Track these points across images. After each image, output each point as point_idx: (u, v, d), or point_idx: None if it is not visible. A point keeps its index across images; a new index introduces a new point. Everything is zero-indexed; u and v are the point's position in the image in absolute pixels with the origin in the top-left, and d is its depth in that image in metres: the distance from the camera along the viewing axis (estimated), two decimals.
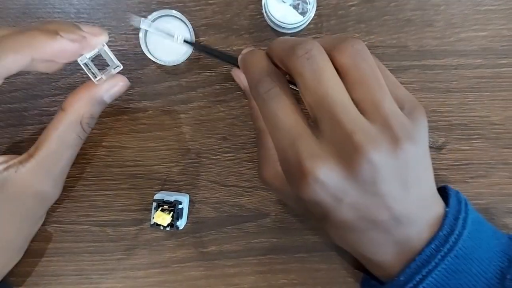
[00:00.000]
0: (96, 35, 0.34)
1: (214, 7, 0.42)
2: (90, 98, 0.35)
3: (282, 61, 0.32)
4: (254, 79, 0.32)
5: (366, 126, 0.29)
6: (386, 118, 0.29)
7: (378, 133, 0.28)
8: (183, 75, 0.43)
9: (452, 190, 0.36)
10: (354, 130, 0.28)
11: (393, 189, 0.29)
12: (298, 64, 0.30)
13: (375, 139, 0.28)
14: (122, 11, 0.42)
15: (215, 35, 0.43)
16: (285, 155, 0.30)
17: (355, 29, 0.43)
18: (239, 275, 0.45)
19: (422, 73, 0.43)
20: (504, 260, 0.32)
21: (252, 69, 0.33)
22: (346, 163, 0.28)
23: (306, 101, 0.30)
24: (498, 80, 0.43)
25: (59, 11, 0.43)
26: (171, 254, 0.44)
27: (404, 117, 0.30)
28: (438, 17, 0.43)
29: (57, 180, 0.37)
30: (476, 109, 0.44)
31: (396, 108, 0.30)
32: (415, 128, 0.30)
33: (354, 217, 0.30)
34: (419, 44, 0.43)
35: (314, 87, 0.29)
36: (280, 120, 0.31)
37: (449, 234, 0.31)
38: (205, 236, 0.44)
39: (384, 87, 0.30)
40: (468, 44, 0.43)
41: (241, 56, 0.36)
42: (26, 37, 0.31)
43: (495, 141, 0.44)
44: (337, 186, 0.29)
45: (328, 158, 0.28)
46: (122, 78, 0.36)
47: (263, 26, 0.42)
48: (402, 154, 0.29)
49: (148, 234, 0.44)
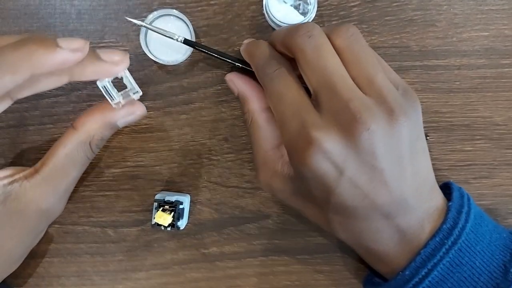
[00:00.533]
0: (118, 63, 0.33)
1: (215, 7, 0.42)
2: (104, 122, 0.35)
3: (285, 42, 0.33)
4: (260, 61, 0.35)
5: (362, 96, 0.31)
6: (381, 92, 0.31)
7: (373, 104, 0.30)
8: (184, 76, 0.43)
9: (455, 185, 0.37)
10: (351, 97, 0.30)
11: (390, 164, 0.30)
12: (300, 41, 0.32)
13: (371, 108, 0.30)
14: (123, 11, 0.42)
15: (216, 36, 0.42)
16: (289, 127, 0.31)
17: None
18: (240, 276, 0.44)
19: (425, 73, 0.43)
20: (506, 254, 0.32)
21: (259, 54, 0.35)
22: (346, 131, 0.29)
23: (306, 75, 0.32)
24: (501, 80, 0.43)
25: (60, 12, 0.43)
26: (172, 255, 0.44)
27: (398, 93, 0.32)
28: (440, 17, 0.43)
29: (61, 197, 0.37)
30: (479, 110, 0.43)
31: (389, 84, 0.32)
32: (409, 104, 0.32)
33: (355, 198, 0.31)
34: (421, 44, 0.43)
35: (314, 61, 0.31)
36: (285, 94, 0.32)
37: (453, 227, 0.32)
38: (206, 237, 0.44)
39: (377, 65, 0.32)
40: (470, 44, 0.43)
41: (244, 46, 0.38)
42: (24, 53, 0.28)
43: (498, 141, 0.43)
44: (340, 155, 0.29)
45: (330, 127, 0.30)
46: (140, 107, 0.36)
47: (264, 27, 0.42)
48: (397, 126, 0.30)
49: (149, 235, 0.44)
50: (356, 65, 0.32)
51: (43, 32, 0.43)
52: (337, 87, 0.30)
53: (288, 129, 0.32)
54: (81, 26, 0.43)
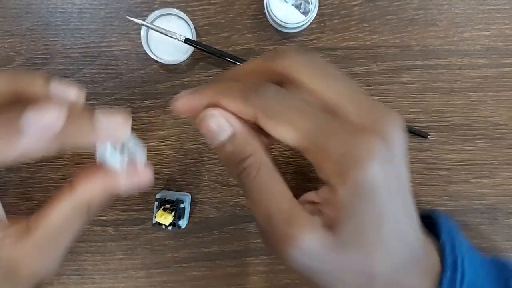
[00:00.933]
0: (119, 126, 0.27)
1: (216, 6, 0.42)
2: (105, 187, 0.30)
3: (272, 65, 0.27)
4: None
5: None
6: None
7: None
8: (185, 74, 0.43)
9: (443, 227, 0.31)
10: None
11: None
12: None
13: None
14: (124, 10, 0.42)
15: (217, 35, 0.42)
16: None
17: (358, 28, 0.43)
18: (241, 275, 0.44)
19: (426, 72, 0.43)
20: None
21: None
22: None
23: (319, 88, 0.26)
24: (502, 80, 0.43)
25: (61, 11, 0.43)
26: (173, 254, 0.44)
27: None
28: (442, 17, 0.43)
29: (54, 259, 0.32)
30: (480, 109, 0.43)
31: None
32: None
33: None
34: (422, 44, 0.43)
35: (328, 70, 0.27)
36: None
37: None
38: (207, 236, 0.44)
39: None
40: (471, 43, 0.43)
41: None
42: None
43: (499, 141, 0.43)
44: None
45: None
46: (146, 175, 0.30)
47: (266, 26, 0.42)
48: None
49: (150, 234, 0.44)
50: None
51: (44, 31, 0.43)
52: (364, 92, 0.26)
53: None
54: (82, 25, 0.43)
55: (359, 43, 0.43)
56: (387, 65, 0.43)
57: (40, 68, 0.43)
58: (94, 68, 0.43)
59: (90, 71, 0.43)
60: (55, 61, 0.43)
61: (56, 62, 0.43)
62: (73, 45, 0.43)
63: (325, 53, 0.43)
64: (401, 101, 0.43)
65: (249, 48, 0.43)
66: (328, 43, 0.43)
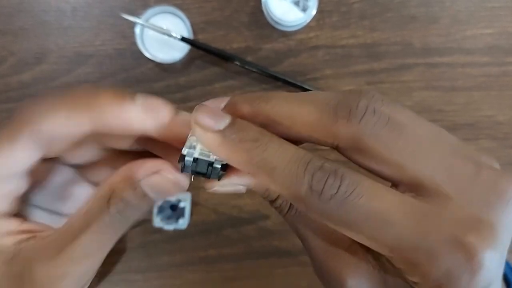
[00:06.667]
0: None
1: (213, 4, 0.42)
2: (125, 174, 0.24)
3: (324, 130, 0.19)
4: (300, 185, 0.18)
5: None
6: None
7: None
8: (181, 74, 0.42)
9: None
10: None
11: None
12: (362, 126, 0.18)
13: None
14: (119, 8, 0.42)
15: (214, 33, 0.42)
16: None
17: (358, 26, 0.42)
18: (239, 279, 0.44)
19: (427, 71, 0.42)
20: None
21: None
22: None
23: (402, 162, 0.19)
24: (505, 78, 0.42)
25: (55, 9, 0.42)
26: (169, 257, 0.44)
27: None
28: (443, 14, 0.42)
29: (74, 260, 0.26)
30: (482, 109, 0.43)
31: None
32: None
33: None
34: (424, 42, 0.42)
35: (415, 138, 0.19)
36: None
37: None
38: (204, 239, 0.43)
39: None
40: (474, 42, 0.42)
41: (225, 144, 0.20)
42: (90, 99, 0.21)
43: (502, 141, 0.43)
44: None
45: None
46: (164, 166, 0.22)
47: (263, 24, 0.42)
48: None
49: (146, 237, 0.43)
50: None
51: (37, 29, 0.42)
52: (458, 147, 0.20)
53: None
54: (76, 24, 0.42)
55: (359, 41, 0.42)
56: (388, 63, 0.42)
57: (33, 68, 0.42)
58: (88, 67, 0.42)
59: (84, 70, 0.42)
60: (49, 61, 0.42)
61: (50, 62, 0.42)
62: (67, 44, 0.42)
63: (324, 52, 0.42)
64: (403, 100, 0.42)
65: (247, 47, 0.42)
66: (327, 41, 0.42)
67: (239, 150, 0.19)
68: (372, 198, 0.18)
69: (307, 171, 0.18)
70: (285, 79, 0.41)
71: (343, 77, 0.42)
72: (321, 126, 0.19)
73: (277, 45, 0.42)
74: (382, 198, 0.18)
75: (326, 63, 0.42)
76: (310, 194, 0.18)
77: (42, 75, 0.42)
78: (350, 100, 0.19)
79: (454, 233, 0.18)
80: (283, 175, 0.18)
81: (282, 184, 0.19)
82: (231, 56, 0.38)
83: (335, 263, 0.22)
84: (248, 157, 0.19)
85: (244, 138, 0.19)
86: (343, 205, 0.18)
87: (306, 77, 0.42)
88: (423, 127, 0.19)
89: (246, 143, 0.19)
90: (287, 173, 0.18)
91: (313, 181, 0.18)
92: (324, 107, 0.19)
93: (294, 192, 0.18)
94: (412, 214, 0.18)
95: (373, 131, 0.18)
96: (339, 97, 0.19)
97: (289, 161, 0.18)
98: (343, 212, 0.18)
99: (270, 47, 0.42)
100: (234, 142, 0.19)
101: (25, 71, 0.42)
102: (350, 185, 0.18)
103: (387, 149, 0.19)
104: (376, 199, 0.18)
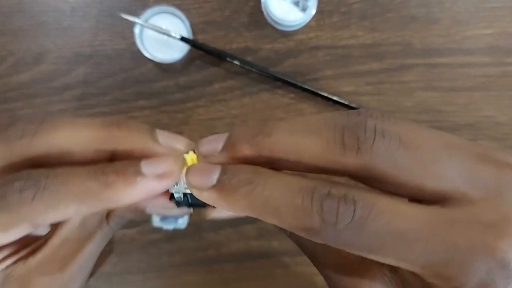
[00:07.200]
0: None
1: (212, 4, 0.41)
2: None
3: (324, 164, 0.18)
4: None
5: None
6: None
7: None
8: (180, 74, 0.42)
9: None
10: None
11: None
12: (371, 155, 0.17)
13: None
14: (118, 8, 0.41)
15: (213, 33, 0.42)
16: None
17: (358, 26, 0.42)
18: (238, 279, 0.43)
19: (427, 71, 0.42)
20: None
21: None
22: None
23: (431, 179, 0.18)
24: (505, 79, 0.42)
25: (54, 9, 0.42)
26: (168, 257, 0.43)
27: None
28: (443, 15, 0.42)
29: (74, 275, 0.27)
30: (482, 109, 0.42)
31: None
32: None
33: None
34: (424, 42, 0.42)
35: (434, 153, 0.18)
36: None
37: None
38: (203, 239, 0.43)
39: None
40: (474, 42, 0.42)
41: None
42: (98, 185, 0.21)
43: (502, 141, 0.43)
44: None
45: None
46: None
47: (263, 24, 0.41)
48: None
49: (145, 237, 0.43)
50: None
51: (36, 30, 0.42)
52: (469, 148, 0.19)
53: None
54: (75, 24, 0.42)
55: (359, 41, 0.42)
56: (388, 64, 0.42)
57: (32, 68, 0.42)
58: (87, 67, 0.42)
59: (83, 70, 0.42)
60: (47, 61, 0.42)
61: (49, 62, 0.42)
62: (66, 44, 0.42)
63: (324, 52, 0.42)
64: (403, 100, 0.42)
65: (246, 47, 0.42)
66: (327, 41, 0.42)
67: (237, 198, 0.18)
68: (393, 217, 0.17)
69: (314, 202, 0.17)
70: (285, 79, 0.41)
71: (343, 78, 0.42)
72: (329, 158, 0.18)
73: (277, 45, 0.42)
74: (403, 215, 0.17)
75: (326, 63, 0.42)
76: (325, 227, 0.17)
77: (41, 75, 0.42)
78: (355, 126, 0.18)
79: (485, 239, 0.17)
80: (289, 213, 0.17)
81: (291, 223, 0.17)
82: (231, 56, 0.38)
83: (348, 281, 0.21)
84: (248, 202, 0.18)
85: (239, 183, 0.18)
86: (363, 231, 0.17)
87: (306, 78, 0.42)
88: (433, 138, 0.18)
89: (242, 188, 0.18)
90: (293, 209, 0.17)
91: (323, 213, 0.17)
92: (329, 137, 0.18)
93: (307, 228, 0.17)
94: (438, 224, 0.17)
95: (386, 156, 0.17)
96: (343, 122, 0.18)
97: (292, 195, 0.17)
98: (364, 238, 0.17)
99: (270, 47, 0.42)
100: (230, 192, 0.18)
101: (24, 71, 0.42)
102: (365, 207, 0.17)
103: (403, 171, 0.17)
104: (397, 217, 0.17)
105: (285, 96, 0.42)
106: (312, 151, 0.18)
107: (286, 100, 0.42)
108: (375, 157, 0.17)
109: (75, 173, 0.20)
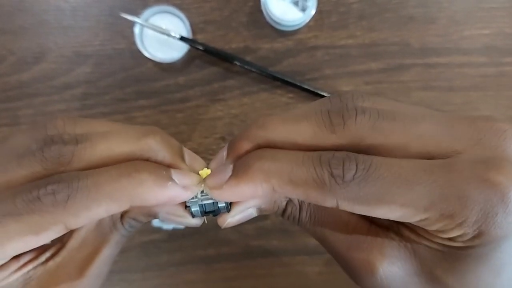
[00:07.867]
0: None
1: (212, 4, 0.42)
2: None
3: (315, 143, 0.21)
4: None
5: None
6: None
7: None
8: (180, 73, 0.42)
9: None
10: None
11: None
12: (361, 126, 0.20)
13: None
14: (118, 8, 0.42)
15: (213, 33, 0.42)
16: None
17: (357, 26, 0.42)
18: (238, 278, 0.44)
19: (425, 71, 0.42)
20: None
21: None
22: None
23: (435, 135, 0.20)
24: (502, 79, 0.43)
25: (55, 8, 0.42)
26: (168, 256, 0.44)
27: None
28: (441, 15, 0.42)
29: (90, 278, 0.27)
30: (479, 109, 0.43)
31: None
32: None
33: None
34: (421, 42, 0.42)
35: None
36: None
37: None
38: (203, 238, 0.43)
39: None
40: (471, 42, 0.42)
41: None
42: (131, 181, 0.22)
43: None
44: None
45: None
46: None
47: (262, 24, 0.42)
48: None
49: (145, 236, 0.43)
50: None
51: (37, 29, 0.42)
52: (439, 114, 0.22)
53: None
54: (76, 23, 0.42)
55: (358, 41, 0.42)
56: (386, 63, 0.42)
57: (32, 67, 0.42)
58: (87, 66, 0.42)
59: (83, 70, 0.42)
60: (48, 60, 0.42)
61: (49, 61, 0.42)
62: (66, 43, 0.42)
63: (323, 52, 0.42)
64: (401, 100, 0.43)
65: (246, 46, 0.42)
66: (326, 41, 0.42)
67: (253, 174, 0.20)
68: (391, 166, 0.19)
69: (322, 162, 0.19)
70: (284, 79, 0.41)
71: (341, 77, 0.42)
72: (321, 137, 0.20)
73: (276, 45, 0.42)
74: (399, 164, 0.19)
75: (324, 63, 0.42)
76: (334, 182, 0.19)
77: (41, 74, 0.42)
78: (338, 105, 0.20)
79: (478, 173, 0.18)
80: (302, 173, 0.19)
81: (305, 185, 0.19)
82: (230, 56, 0.39)
83: (360, 254, 0.22)
84: (264, 174, 0.20)
85: (252, 160, 0.20)
86: (368, 180, 0.19)
87: (305, 77, 0.42)
88: (408, 108, 0.21)
89: (255, 164, 0.20)
90: (305, 170, 0.19)
91: (332, 168, 0.19)
92: (317, 119, 0.20)
93: (319, 185, 0.19)
94: (433, 168, 0.19)
95: (369, 126, 0.20)
96: (326, 105, 0.21)
97: (302, 160, 0.19)
98: (369, 187, 0.19)
99: (269, 47, 0.42)
100: (245, 170, 0.20)
101: (25, 70, 0.42)
102: (366, 162, 0.19)
103: (388, 136, 0.20)
104: (395, 166, 0.19)
105: (284, 95, 0.42)
106: (305, 134, 0.20)
107: (285, 99, 0.42)
108: (360, 129, 0.20)
109: (105, 172, 0.21)
